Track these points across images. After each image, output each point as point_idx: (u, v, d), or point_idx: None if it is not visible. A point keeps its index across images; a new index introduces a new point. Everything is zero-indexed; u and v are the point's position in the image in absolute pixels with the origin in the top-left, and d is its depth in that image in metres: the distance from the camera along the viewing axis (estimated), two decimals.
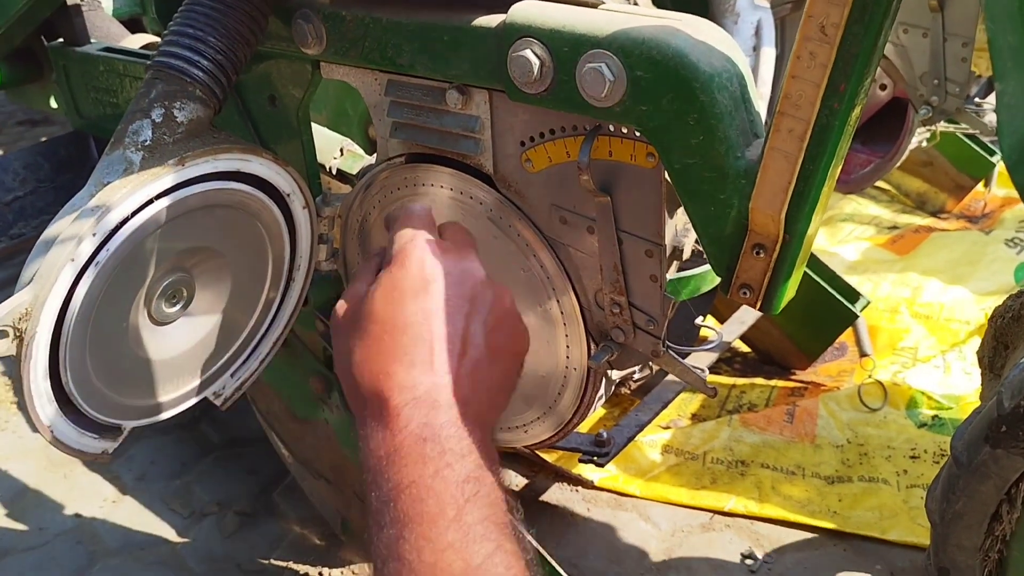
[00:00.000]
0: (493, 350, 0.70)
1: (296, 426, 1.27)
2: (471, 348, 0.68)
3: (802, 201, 0.67)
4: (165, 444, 1.73)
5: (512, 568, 0.58)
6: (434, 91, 0.85)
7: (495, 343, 0.70)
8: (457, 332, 0.68)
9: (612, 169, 0.78)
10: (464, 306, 0.70)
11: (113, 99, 1.23)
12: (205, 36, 0.84)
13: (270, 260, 0.97)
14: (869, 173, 1.78)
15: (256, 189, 0.90)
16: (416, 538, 0.58)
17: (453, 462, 0.61)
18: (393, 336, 0.68)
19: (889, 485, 1.53)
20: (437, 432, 0.63)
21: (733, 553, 1.43)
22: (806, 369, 1.89)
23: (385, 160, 0.93)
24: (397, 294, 0.69)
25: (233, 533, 1.50)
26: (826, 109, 0.63)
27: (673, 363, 0.87)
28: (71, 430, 0.85)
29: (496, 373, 0.70)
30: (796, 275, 0.74)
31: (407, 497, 0.60)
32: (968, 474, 0.65)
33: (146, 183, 0.79)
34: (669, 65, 0.68)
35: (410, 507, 0.59)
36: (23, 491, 1.62)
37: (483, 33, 0.77)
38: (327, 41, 0.88)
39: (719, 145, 0.69)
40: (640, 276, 0.82)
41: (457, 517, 0.59)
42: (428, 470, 0.61)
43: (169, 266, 0.88)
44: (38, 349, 0.78)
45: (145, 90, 0.84)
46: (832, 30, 0.59)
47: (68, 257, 0.76)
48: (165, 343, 0.92)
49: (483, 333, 0.70)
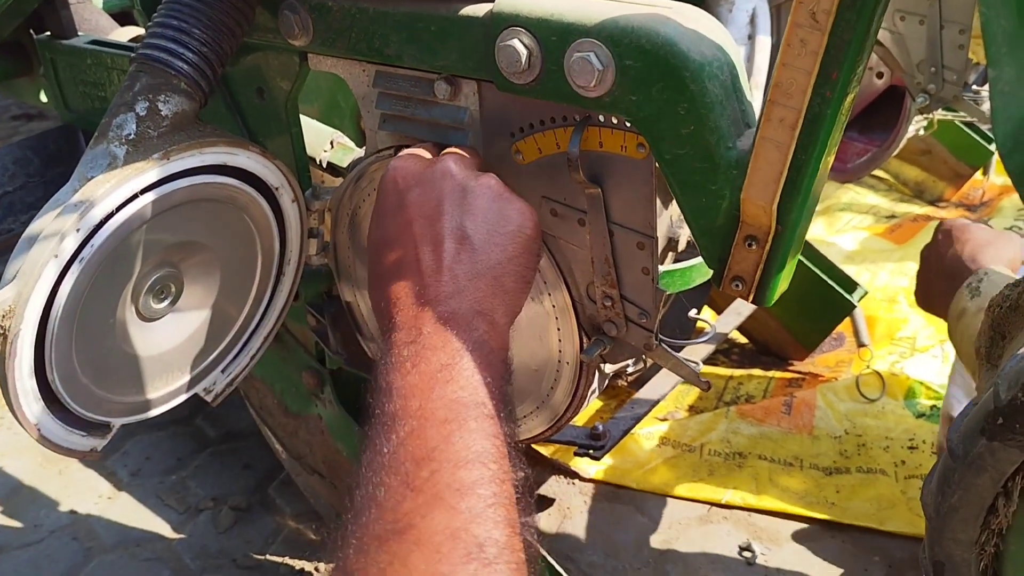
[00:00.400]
0: (484, 235, 0.70)
1: (289, 421, 1.27)
2: (456, 241, 0.69)
3: (794, 191, 0.66)
4: (160, 439, 1.72)
5: (473, 447, 0.58)
6: (422, 82, 0.84)
7: (484, 228, 0.70)
8: (440, 230, 0.69)
9: (602, 160, 0.77)
10: (443, 203, 0.70)
11: (101, 93, 1.22)
12: (190, 28, 0.83)
13: (259, 254, 0.96)
14: (866, 162, 1.77)
15: (244, 183, 0.89)
16: (387, 431, 0.59)
17: (429, 356, 0.62)
18: (382, 255, 0.71)
19: (887, 476, 1.53)
20: (419, 331, 0.64)
21: (731, 545, 1.43)
22: (804, 360, 1.88)
23: (374, 152, 0.92)
24: (379, 217, 0.74)
25: (228, 528, 1.49)
26: (818, 97, 0.62)
27: (666, 357, 0.86)
28: (58, 428, 0.84)
29: (493, 257, 0.69)
30: (789, 267, 0.73)
31: (386, 398, 0.62)
32: (964, 467, 0.64)
33: (130, 177, 0.78)
34: (659, 54, 0.66)
35: (388, 405, 0.61)
36: (18, 488, 1.61)
37: (470, 23, 0.76)
38: (314, 32, 0.87)
39: (710, 135, 0.68)
40: (632, 269, 0.81)
41: (422, 406, 0.60)
42: (406, 367, 0.62)
43: (156, 261, 0.87)
44: (23, 347, 0.77)
45: (129, 83, 0.83)
46: (823, 16, 0.58)
47: (51, 253, 0.75)
48: (154, 339, 0.91)
49: (470, 223, 0.70)
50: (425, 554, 0.51)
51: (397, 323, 0.66)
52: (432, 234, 0.69)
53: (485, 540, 0.53)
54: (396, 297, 0.68)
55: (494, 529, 0.54)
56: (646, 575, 1.38)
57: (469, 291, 0.67)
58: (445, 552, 0.51)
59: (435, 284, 0.67)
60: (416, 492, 0.55)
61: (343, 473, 1.22)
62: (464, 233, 0.69)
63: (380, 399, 0.63)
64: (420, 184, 0.73)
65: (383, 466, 0.58)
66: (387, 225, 0.72)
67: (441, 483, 0.55)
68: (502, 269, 0.69)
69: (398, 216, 0.72)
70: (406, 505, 0.54)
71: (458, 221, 0.70)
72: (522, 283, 0.71)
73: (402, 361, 0.63)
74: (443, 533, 0.52)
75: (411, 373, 0.62)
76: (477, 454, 0.58)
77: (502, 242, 0.70)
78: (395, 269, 0.70)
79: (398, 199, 0.73)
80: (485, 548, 0.53)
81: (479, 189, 0.72)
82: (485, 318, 0.66)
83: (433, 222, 0.70)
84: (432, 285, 0.67)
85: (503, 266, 0.69)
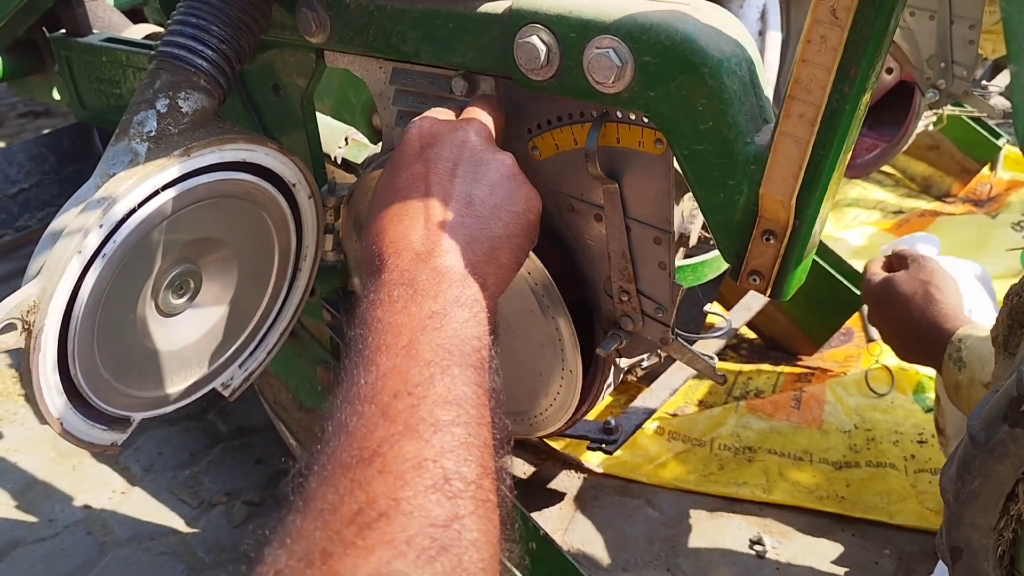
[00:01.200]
0: (490, 207, 0.71)
1: (303, 416, 1.28)
2: (463, 204, 0.70)
3: (812, 186, 0.67)
4: (173, 435, 1.73)
5: (454, 389, 0.58)
6: (439, 79, 0.85)
7: (492, 201, 0.71)
8: (450, 190, 0.70)
9: (620, 156, 0.78)
10: (458, 167, 0.72)
11: (116, 90, 1.23)
12: (208, 26, 0.84)
13: (276, 250, 0.97)
14: (875, 158, 1.77)
15: (262, 179, 0.90)
16: (367, 364, 0.59)
17: (422, 301, 0.63)
18: (388, 202, 0.71)
19: (897, 470, 1.53)
20: (414, 276, 0.65)
21: (741, 539, 1.43)
22: (812, 355, 1.89)
23: (390, 149, 0.92)
24: (394, 167, 0.74)
25: (242, 523, 1.50)
26: (837, 93, 0.62)
27: (682, 350, 0.87)
28: (80, 422, 0.85)
29: (494, 230, 0.70)
30: (806, 261, 0.73)
31: (371, 332, 0.61)
32: (985, 453, 0.65)
33: (152, 174, 0.79)
34: (678, 50, 0.67)
35: (371, 340, 0.61)
36: (32, 483, 1.62)
37: (489, 19, 0.77)
38: (331, 29, 0.87)
39: (728, 131, 0.68)
40: (648, 263, 0.82)
41: (408, 345, 0.59)
42: (396, 307, 0.62)
43: (176, 257, 0.87)
44: (47, 342, 0.78)
45: (149, 80, 0.83)
46: (843, 13, 0.58)
47: (75, 249, 0.76)
48: (173, 334, 0.92)
49: (479, 192, 0.71)
50: (387, 481, 0.51)
51: (391, 265, 0.67)
52: (442, 191, 0.70)
53: (453, 474, 0.52)
54: (394, 239, 0.69)
55: (463, 466, 0.53)
56: (657, 568, 1.39)
57: (466, 252, 0.68)
58: (408, 480, 0.51)
59: (436, 237, 0.68)
60: (390, 421, 0.54)
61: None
62: (472, 199, 0.70)
63: (363, 332, 0.62)
64: (440, 144, 0.74)
65: (359, 396, 0.57)
66: (400, 174, 0.73)
67: (416, 416, 0.55)
68: (500, 243, 0.70)
69: (413, 168, 0.73)
70: (378, 433, 0.54)
71: (469, 187, 0.71)
72: (515, 263, 0.72)
73: (392, 300, 0.63)
74: (410, 463, 0.52)
75: (400, 313, 0.62)
76: (458, 397, 0.57)
77: (506, 219, 0.71)
78: (399, 214, 0.70)
79: (416, 153, 0.74)
80: (451, 481, 0.52)
81: (495, 163, 0.73)
82: (477, 280, 0.67)
83: (445, 181, 0.71)
84: (433, 237, 0.68)
85: (501, 240, 0.70)
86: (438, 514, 0.50)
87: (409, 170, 0.73)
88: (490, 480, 0.55)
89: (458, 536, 0.49)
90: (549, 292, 0.84)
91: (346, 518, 0.49)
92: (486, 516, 0.52)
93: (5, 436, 1.74)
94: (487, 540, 0.51)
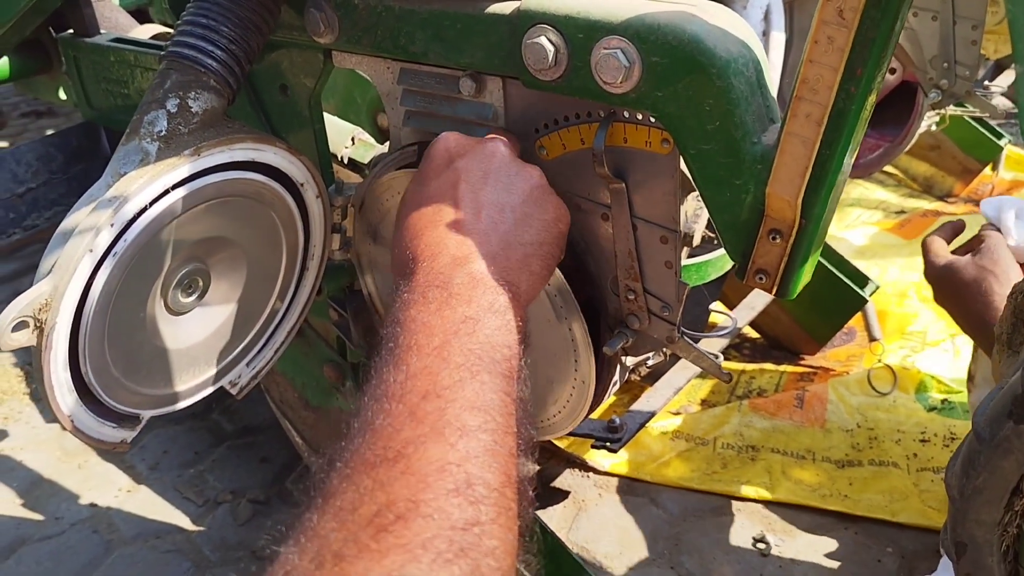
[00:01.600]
0: (521, 216, 0.72)
1: (309, 414, 1.28)
2: (496, 211, 0.71)
3: (819, 186, 0.67)
4: (178, 434, 1.74)
5: (483, 395, 0.57)
6: (447, 79, 0.85)
7: (523, 210, 0.72)
8: (482, 198, 0.71)
9: (627, 155, 0.78)
10: (489, 176, 0.73)
11: (124, 90, 1.24)
12: (218, 26, 0.85)
13: (284, 250, 0.97)
14: (878, 158, 1.77)
15: (270, 179, 0.91)
16: (398, 363, 0.59)
17: (456, 305, 0.63)
18: (421, 208, 0.72)
19: (899, 468, 1.54)
20: (449, 279, 0.65)
21: (744, 537, 1.44)
22: (815, 354, 1.90)
23: (398, 149, 0.93)
24: (423, 177, 0.75)
25: (247, 521, 1.51)
26: (843, 93, 0.63)
27: (688, 349, 0.87)
28: (91, 420, 0.85)
29: (526, 237, 0.71)
30: (812, 260, 0.74)
31: (403, 331, 0.62)
32: (990, 449, 0.66)
33: (162, 173, 0.80)
34: (685, 51, 0.68)
35: (403, 339, 0.61)
36: (38, 481, 1.63)
37: (497, 20, 0.77)
38: (339, 30, 0.88)
39: (735, 130, 0.69)
40: (655, 262, 0.83)
41: (440, 346, 0.59)
42: (430, 308, 0.63)
43: (185, 256, 0.88)
44: (58, 339, 0.78)
45: (159, 80, 0.84)
46: (850, 14, 0.59)
47: (87, 248, 0.76)
48: (182, 333, 0.92)
49: (511, 201, 0.72)
50: (409, 483, 0.50)
51: (426, 267, 0.67)
52: (475, 199, 0.71)
53: (476, 479, 0.52)
54: (429, 243, 0.69)
55: (487, 472, 0.53)
56: (661, 566, 1.39)
57: (500, 259, 0.68)
58: (431, 482, 0.50)
59: (472, 242, 0.68)
60: (417, 422, 0.54)
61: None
62: (504, 207, 0.71)
63: (395, 330, 0.62)
64: (470, 155, 0.75)
65: (387, 394, 0.57)
66: (430, 182, 0.74)
67: (444, 419, 0.54)
68: (532, 250, 0.71)
69: (444, 177, 0.73)
70: (404, 433, 0.53)
71: (501, 195, 0.72)
72: (546, 271, 0.73)
73: (427, 301, 0.63)
74: (434, 465, 0.51)
75: (434, 314, 0.62)
76: (486, 403, 0.57)
77: (537, 227, 0.72)
78: (433, 220, 0.71)
79: (446, 163, 0.75)
80: (474, 486, 0.51)
81: (524, 174, 0.74)
82: (511, 288, 0.67)
83: (477, 189, 0.72)
84: (468, 243, 0.68)
85: (534, 247, 0.71)
86: (458, 517, 0.49)
87: (440, 179, 0.74)
88: (512, 489, 0.54)
89: (477, 541, 0.49)
90: (565, 298, 0.84)
91: (364, 519, 0.49)
92: (507, 525, 0.52)
93: (11, 435, 1.75)
94: (506, 549, 0.51)
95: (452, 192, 0.72)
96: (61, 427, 1.54)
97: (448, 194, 0.72)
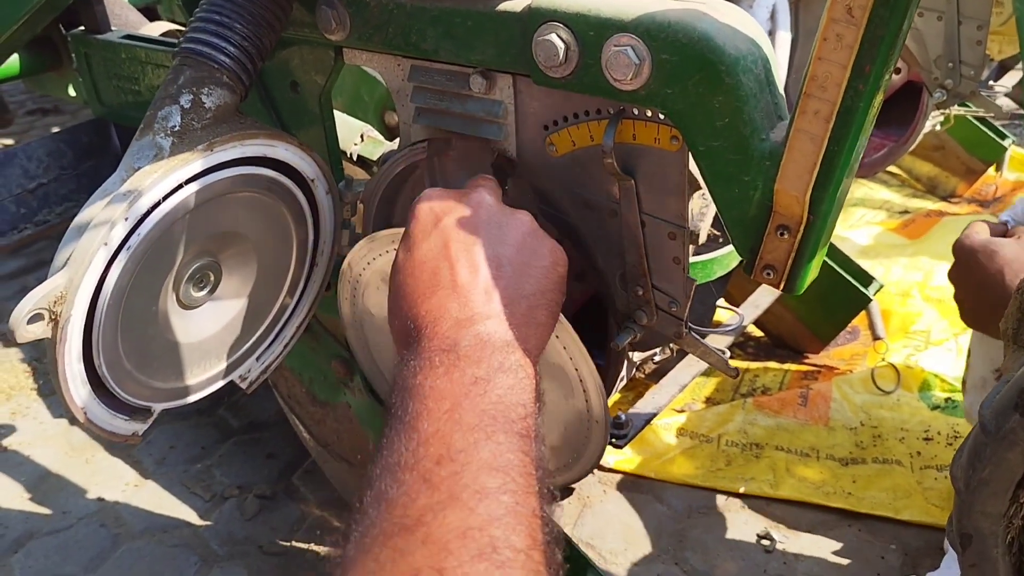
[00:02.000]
0: (518, 266, 0.70)
1: (317, 409, 1.29)
2: (493, 266, 0.69)
3: (827, 182, 0.68)
4: (184, 429, 1.75)
5: (500, 456, 0.55)
6: (458, 76, 0.86)
7: (519, 259, 0.70)
8: (476, 255, 0.69)
9: (636, 152, 0.79)
10: (479, 230, 0.71)
11: (135, 86, 1.25)
12: (231, 23, 0.85)
13: (294, 245, 0.98)
14: (882, 157, 1.78)
15: (281, 174, 0.92)
16: (408, 431, 0.58)
17: (465, 367, 0.61)
18: (416, 275, 0.70)
19: (903, 466, 1.54)
20: (455, 342, 0.63)
21: (749, 534, 1.45)
22: (819, 353, 1.90)
23: (408, 146, 0.94)
24: (411, 242, 0.73)
25: (254, 516, 1.52)
26: (852, 91, 0.63)
27: (695, 344, 0.88)
28: (103, 412, 0.86)
29: (527, 288, 0.69)
30: (819, 256, 0.75)
31: (412, 398, 0.60)
32: (996, 442, 0.66)
33: (176, 168, 0.81)
34: (695, 48, 0.68)
35: (412, 406, 0.59)
36: (46, 475, 1.64)
37: (508, 18, 0.78)
38: (351, 27, 0.89)
39: (744, 127, 0.70)
40: (663, 258, 0.83)
41: (451, 409, 0.58)
42: (437, 372, 0.61)
43: (197, 251, 0.89)
44: (72, 332, 0.79)
45: (173, 76, 0.85)
46: (859, 12, 0.60)
47: (101, 241, 0.77)
48: (193, 327, 0.93)
49: (505, 252, 0.70)
50: (431, 551, 0.48)
51: (430, 333, 0.65)
52: (469, 257, 0.69)
53: (501, 543, 0.49)
54: (430, 310, 0.67)
55: (512, 534, 0.50)
56: (665, 562, 1.40)
57: (505, 316, 0.66)
58: (453, 549, 0.48)
59: (473, 303, 0.66)
60: (433, 488, 0.52)
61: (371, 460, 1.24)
62: (500, 261, 0.69)
63: (402, 398, 0.61)
64: (456, 211, 0.73)
65: (399, 464, 0.55)
66: (420, 247, 0.71)
67: (460, 483, 0.52)
68: (535, 300, 0.69)
69: (432, 239, 0.71)
70: (420, 501, 0.51)
71: (495, 249, 0.70)
72: (552, 319, 0.71)
73: (433, 366, 0.62)
74: (454, 532, 0.49)
75: (442, 378, 0.60)
76: (504, 464, 0.55)
77: (536, 275, 0.70)
78: (430, 286, 0.68)
79: (432, 223, 0.73)
80: (500, 550, 0.49)
81: (514, 222, 0.73)
82: (520, 345, 0.65)
83: (469, 247, 0.70)
84: (470, 304, 0.66)
85: (536, 298, 0.69)
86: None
87: (429, 240, 0.71)
88: (540, 552, 0.52)
89: None
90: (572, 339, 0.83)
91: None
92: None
93: (19, 430, 1.76)
94: None
95: (444, 253, 0.69)
96: (69, 422, 1.56)
97: (441, 256, 0.69)
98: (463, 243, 0.70)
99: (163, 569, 1.42)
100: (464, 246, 0.70)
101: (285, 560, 1.43)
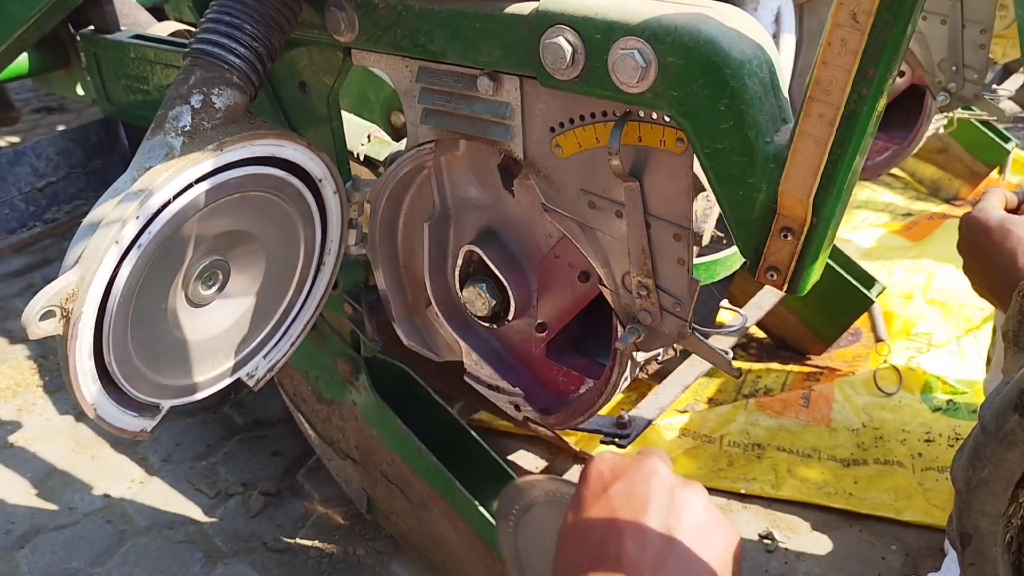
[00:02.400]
0: (689, 543, 0.66)
1: (323, 407, 1.30)
2: (661, 541, 0.66)
3: (830, 185, 0.69)
4: (190, 426, 1.76)
5: None
6: (465, 78, 0.87)
7: (689, 535, 0.67)
8: (644, 527, 0.66)
9: (641, 154, 0.80)
10: (648, 502, 0.68)
11: (144, 86, 1.25)
12: (241, 24, 0.86)
13: (302, 244, 0.99)
14: (886, 160, 1.79)
15: (290, 174, 0.93)
16: None
17: None
18: (581, 542, 0.68)
19: (904, 468, 1.55)
20: None
21: (751, 534, 1.46)
22: (821, 354, 1.91)
23: (415, 146, 0.95)
24: (580, 504, 0.71)
25: (259, 513, 1.53)
26: (855, 95, 0.64)
27: (699, 344, 0.89)
28: (113, 408, 0.87)
29: (696, 568, 0.65)
30: (822, 257, 0.75)
31: None
32: (995, 442, 0.67)
33: (186, 167, 0.82)
34: (701, 52, 0.69)
35: None
36: (52, 472, 1.65)
37: (515, 20, 0.79)
38: (359, 28, 0.89)
39: (749, 130, 0.70)
40: (667, 259, 0.84)
41: None
42: None
43: (206, 249, 0.90)
44: (83, 329, 0.80)
45: (184, 76, 0.86)
46: (863, 17, 0.60)
47: (113, 239, 0.78)
48: (202, 325, 0.94)
49: (674, 526, 0.67)
50: None
51: None
52: (637, 529, 0.66)
53: None
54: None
55: None
56: None
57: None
58: None
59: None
60: None
61: (375, 457, 1.25)
62: (671, 535, 0.66)
63: None
64: (626, 478, 0.70)
65: None
66: (589, 512, 0.69)
67: None
68: None
69: (600, 505, 0.69)
70: None
71: (665, 521, 0.67)
72: None
73: None
74: None
75: None
76: None
77: (710, 554, 0.66)
78: (596, 555, 0.66)
79: (601, 488, 0.70)
80: None
81: (688, 495, 0.69)
82: None
83: (639, 517, 0.67)
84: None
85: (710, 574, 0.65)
86: None
87: (598, 507, 0.69)
88: None
89: None
90: None
91: None
92: None
93: (25, 426, 1.77)
94: None
95: (611, 524, 0.67)
96: (75, 419, 1.57)
97: (606, 527, 0.67)
98: (632, 512, 0.67)
99: (168, 565, 1.44)
100: (633, 516, 0.67)
101: (289, 557, 1.44)
